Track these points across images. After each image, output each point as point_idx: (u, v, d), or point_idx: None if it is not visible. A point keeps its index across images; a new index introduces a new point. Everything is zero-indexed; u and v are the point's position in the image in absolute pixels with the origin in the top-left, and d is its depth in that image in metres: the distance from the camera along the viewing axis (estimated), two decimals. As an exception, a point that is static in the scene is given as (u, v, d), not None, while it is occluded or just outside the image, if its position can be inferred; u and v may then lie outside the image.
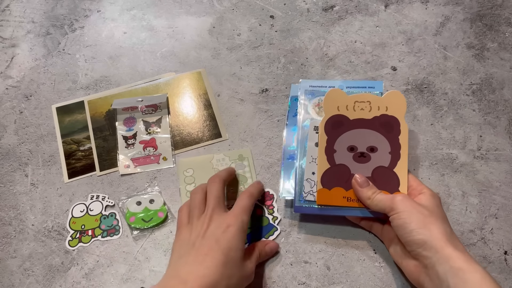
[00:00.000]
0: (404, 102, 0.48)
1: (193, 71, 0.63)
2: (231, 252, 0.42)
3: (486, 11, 0.68)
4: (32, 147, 0.59)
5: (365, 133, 0.48)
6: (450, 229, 0.43)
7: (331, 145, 0.49)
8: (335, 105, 0.49)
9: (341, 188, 0.48)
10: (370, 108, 0.48)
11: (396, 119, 0.48)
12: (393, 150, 0.48)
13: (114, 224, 0.53)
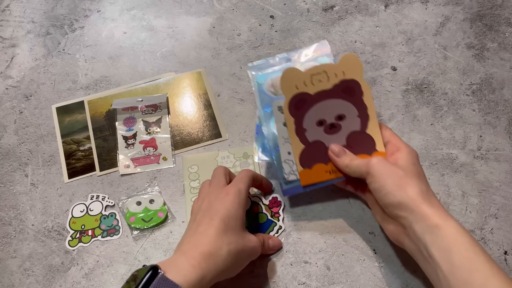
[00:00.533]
0: (359, 63, 0.47)
1: (193, 71, 0.64)
2: (231, 221, 0.42)
3: (486, 11, 0.68)
4: (32, 147, 0.59)
5: (330, 103, 0.48)
6: (426, 186, 0.43)
7: (300, 125, 0.48)
8: (293, 85, 0.47)
9: (321, 164, 0.48)
10: (328, 77, 0.47)
11: (355, 81, 0.47)
12: (360, 113, 0.48)
13: (114, 224, 0.53)
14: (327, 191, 0.54)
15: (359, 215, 0.52)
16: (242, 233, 0.43)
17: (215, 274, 0.39)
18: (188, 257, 0.39)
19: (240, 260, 0.43)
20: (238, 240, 0.42)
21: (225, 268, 0.40)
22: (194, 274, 0.38)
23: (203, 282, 0.38)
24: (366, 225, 0.52)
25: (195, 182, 0.55)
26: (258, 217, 0.52)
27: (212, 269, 0.39)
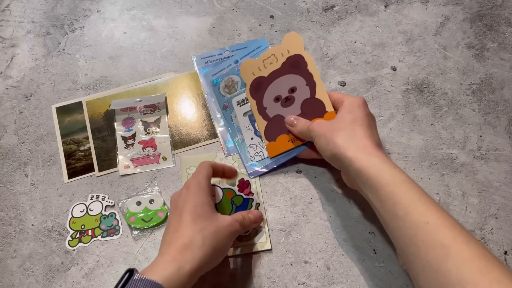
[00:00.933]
0: (299, 38, 0.52)
1: (192, 71, 0.63)
2: (197, 209, 0.43)
3: (486, 11, 0.68)
4: (32, 147, 0.59)
5: (281, 80, 0.53)
6: (356, 131, 0.45)
7: (261, 104, 0.54)
8: (250, 72, 0.54)
9: (283, 135, 0.54)
10: (276, 58, 0.53)
11: (299, 55, 0.52)
12: (308, 81, 0.52)
13: (114, 224, 0.53)
14: (327, 191, 0.54)
15: (359, 215, 0.52)
16: (213, 216, 0.43)
17: (194, 264, 0.39)
18: (164, 255, 0.40)
19: (220, 241, 0.42)
20: (211, 223, 0.42)
21: (206, 254, 0.40)
22: (170, 267, 0.38)
23: (181, 272, 0.38)
24: (366, 225, 0.52)
25: (195, 182, 0.55)
26: (234, 201, 0.52)
27: (189, 259, 0.39)
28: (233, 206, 0.52)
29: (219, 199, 0.52)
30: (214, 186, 0.52)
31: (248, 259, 0.50)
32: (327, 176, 0.55)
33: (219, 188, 0.52)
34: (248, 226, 0.48)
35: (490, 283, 0.32)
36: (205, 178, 0.46)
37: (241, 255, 0.50)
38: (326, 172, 0.55)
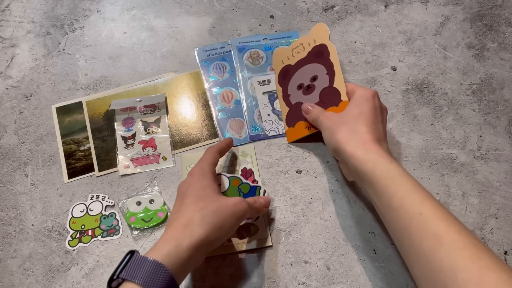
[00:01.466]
0: (325, 28, 0.53)
1: (192, 71, 0.64)
2: (199, 191, 0.44)
3: (486, 11, 0.68)
4: (32, 147, 0.59)
5: (305, 69, 0.55)
6: (358, 126, 0.45)
7: (286, 91, 0.57)
8: (280, 60, 0.58)
9: (301, 121, 0.56)
10: (303, 48, 0.56)
11: (323, 45, 0.54)
12: (328, 70, 0.53)
13: (114, 224, 0.53)
14: (327, 191, 0.54)
15: (359, 215, 0.52)
16: (216, 197, 0.44)
17: (193, 240, 0.39)
18: (164, 235, 0.41)
19: (222, 219, 0.42)
20: (212, 203, 0.43)
21: (205, 231, 0.40)
22: (168, 245, 0.39)
23: (180, 249, 0.39)
24: (366, 225, 0.52)
25: (195, 182, 0.55)
26: (241, 189, 0.52)
27: (187, 236, 0.39)
28: (240, 194, 0.51)
29: (225, 188, 0.51)
30: (220, 174, 0.51)
31: (248, 259, 0.50)
32: (327, 176, 0.55)
33: (225, 176, 0.52)
34: (259, 209, 0.48)
35: (480, 270, 0.33)
36: (209, 165, 0.47)
37: (241, 253, 0.50)
38: (326, 172, 0.55)
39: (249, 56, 0.64)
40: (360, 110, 0.47)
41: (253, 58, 0.64)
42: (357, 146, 0.44)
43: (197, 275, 0.49)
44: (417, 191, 0.39)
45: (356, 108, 0.47)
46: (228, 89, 0.62)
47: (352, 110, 0.47)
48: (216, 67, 0.63)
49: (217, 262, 0.50)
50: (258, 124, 0.59)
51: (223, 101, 0.61)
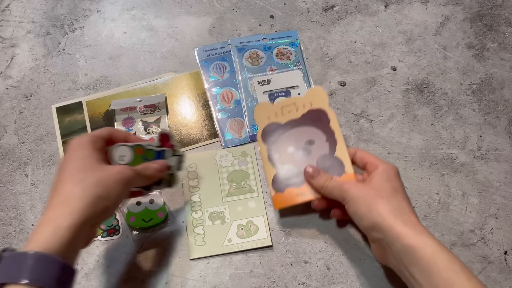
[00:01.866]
0: (324, 94, 0.52)
1: (192, 71, 0.64)
2: (76, 163, 0.39)
3: (486, 11, 0.68)
4: (32, 147, 0.59)
5: (300, 130, 0.52)
6: (400, 203, 0.42)
7: (272, 151, 0.52)
8: (265, 116, 0.53)
9: (293, 187, 0.50)
10: (297, 108, 0.53)
11: (322, 110, 0.52)
12: (328, 138, 0.51)
13: (114, 224, 0.53)
14: (327, 191, 0.54)
15: (359, 215, 0.52)
16: (97, 167, 0.40)
17: (75, 217, 0.36)
18: (42, 220, 0.36)
19: (106, 189, 0.39)
20: (93, 174, 0.39)
21: (88, 203, 0.37)
22: (45, 230, 0.35)
23: (59, 231, 0.35)
24: (366, 225, 0.51)
25: (194, 181, 0.55)
26: (146, 156, 0.48)
27: (67, 213, 0.36)
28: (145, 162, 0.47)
29: (129, 159, 0.46)
30: (121, 145, 0.46)
31: (248, 259, 0.50)
32: (327, 176, 0.55)
33: (126, 146, 0.46)
34: (150, 175, 0.45)
35: None
36: (90, 135, 0.43)
37: (241, 253, 0.50)
38: (326, 172, 0.55)
39: (249, 56, 0.64)
40: (394, 185, 0.43)
41: (253, 59, 0.64)
42: (407, 225, 0.40)
43: (197, 275, 0.49)
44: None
45: (388, 183, 0.44)
46: (228, 89, 0.62)
47: (385, 184, 0.43)
48: (216, 67, 0.64)
49: (217, 262, 0.50)
50: None
51: (223, 101, 0.61)
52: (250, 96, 0.61)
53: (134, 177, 0.42)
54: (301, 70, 0.63)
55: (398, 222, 0.40)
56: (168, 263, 0.50)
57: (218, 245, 0.51)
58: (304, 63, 0.63)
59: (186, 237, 0.52)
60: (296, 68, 0.63)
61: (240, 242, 0.51)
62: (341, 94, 0.61)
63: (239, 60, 0.63)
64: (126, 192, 0.41)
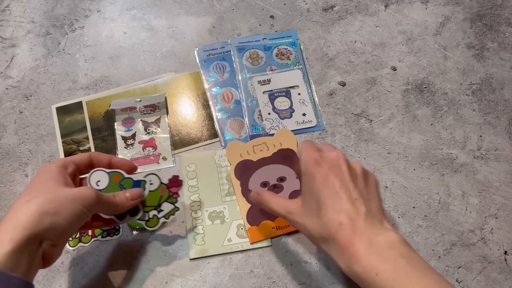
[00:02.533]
0: (292, 136, 0.57)
1: (192, 71, 0.64)
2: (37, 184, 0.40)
3: (486, 11, 0.68)
4: (32, 147, 0.59)
5: (271, 168, 0.55)
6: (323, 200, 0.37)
7: (246, 187, 0.54)
8: (238, 154, 0.55)
9: (267, 221, 0.52)
10: (267, 147, 0.56)
11: (291, 150, 0.55)
12: (299, 175, 0.52)
13: (114, 224, 0.53)
14: (327, 191, 0.54)
15: (359, 215, 0.52)
16: (58, 188, 0.39)
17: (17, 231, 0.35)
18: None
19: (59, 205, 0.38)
20: (48, 192, 0.39)
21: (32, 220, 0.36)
22: None
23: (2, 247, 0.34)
24: (366, 225, 0.51)
25: (193, 180, 0.55)
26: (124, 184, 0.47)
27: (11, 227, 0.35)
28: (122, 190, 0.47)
29: (105, 185, 0.46)
30: (98, 170, 0.46)
31: (248, 259, 0.50)
32: (327, 176, 0.55)
33: (103, 172, 0.46)
34: (120, 202, 0.44)
35: None
36: (59, 160, 0.43)
37: (241, 253, 0.50)
38: (326, 172, 0.55)
39: (249, 56, 0.64)
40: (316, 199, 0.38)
41: (253, 59, 0.64)
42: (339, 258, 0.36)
43: (197, 275, 0.49)
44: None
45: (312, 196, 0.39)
46: (228, 89, 0.62)
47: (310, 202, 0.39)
48: (216, 67, 0.64)
49: (217, 262, 0.50)
50: (259, 123, 0.59)
51: (223, 101, 0.61)
52: (250, 96, 0.61)
53: (96, 200, 0.40)
54: (301, 70, 0.63)
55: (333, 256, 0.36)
56: (168, 263, 0.50)
57: (218, 245, 0.51)
58: (304, 63, 0.63)
59: (186, 237, 0.52)
60: (296, 68, 0.63)
61: (240, 242, 0.51)
62: (341, 94, 0.61)
63: (239, 60, 0.63)
64: (85, 213, 0.40)
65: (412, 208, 0.53)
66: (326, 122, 0.59)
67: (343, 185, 0.37)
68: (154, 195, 0.48)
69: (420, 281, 0.33)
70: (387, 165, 0.56)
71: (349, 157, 0.56)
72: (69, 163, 0.44)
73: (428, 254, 0.50)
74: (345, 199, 0.37)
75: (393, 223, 0.52)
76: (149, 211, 0.48)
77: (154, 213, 0.48)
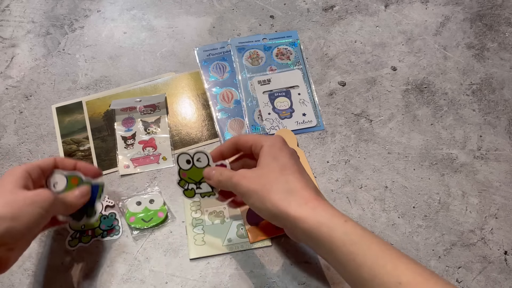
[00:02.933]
0: (292, 135, 0.57)
1: (192, 71, 0.64)
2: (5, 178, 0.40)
3: (486, 11, 0.68)
4: (32, 147, 0.59)
5: None
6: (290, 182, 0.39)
7: None
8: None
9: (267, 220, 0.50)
10: None
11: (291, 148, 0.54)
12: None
13: (114, 224, 0.53)
14: (327, 191, 0.54)
15: (359, 215, 0.52)
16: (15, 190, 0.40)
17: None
18: None
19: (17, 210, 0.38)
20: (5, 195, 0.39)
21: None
22: None
23: None
24: (366, 224, 0.51)
25: (195, 182, 0.55)
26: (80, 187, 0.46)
27: None
28: None
29: (62, 187, 0.46)
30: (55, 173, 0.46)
31: (248, 259, 0.50)
32: (327, 176, 0.55)
33: (60, 174, 0.46)
34: (72, 201, 0.44)
35: None
36: (24, 165, 0.43)
37: (241, 253, 0.50)
38: (326, 172, 0.55)
39: (249, 56, 0.64)
40: (280, 163, 0.41)
41: (253, 59, 0.64)
42: (301, 207, 0.38)
43: (197, 275, 0.49)
44: (386, 254, 0.35)
45: (274, 161, 0.41)
46: (228, 89, 0.62)
47: (271, 165, 0.41)
48: (216, 67, 0.64)
49: (217, 262, 0.50)
50: (259, 123, 0.59)
51: (223, 101, 0.61)
52: (250, 96, 0.61)
53: (53, 201, 0.40)
54: (301, 70, 0.63)
55: (292, 206, 0.38)
56: (168, 263, 0.50)
57: (218, 245, 0.51)
58: (304, 63, 0.63)
59: (186, 237, 0.52)
60: (296, 68, 0.63)
61: (240, 242, 0.51)
62: (341, 94, 0.61)
63: (239, 60, 0.63)
64: (44, 215, 0.40)
65: (412, 208, 0.53)
66: (326, 122, 0.59)
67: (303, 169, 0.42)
68: (197, 172, 0.47)
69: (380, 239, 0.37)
70: (387, 165, 0.56)
71: (349, 157, 0.56)
72: (35, 168, 0.44)
73: (428, 254, 0.50)
74: (306, 174, 0.42)
75: (393, 223, 0.52)
76: (189, 183, 0.47)
77: (193, 186, 0.48)
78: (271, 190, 0.39)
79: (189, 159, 0.46)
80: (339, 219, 0.37)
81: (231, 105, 0.61)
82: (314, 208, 0.38)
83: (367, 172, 0.55)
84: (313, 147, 0.57)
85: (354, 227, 0.37)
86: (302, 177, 0.40)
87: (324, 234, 0.37)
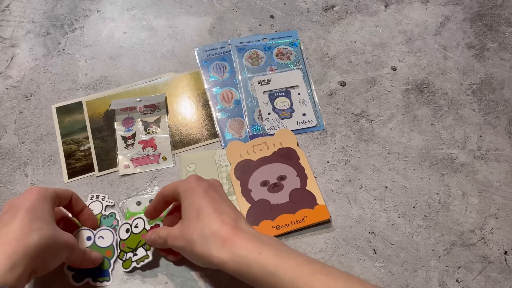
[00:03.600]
0: (293, 135, 0.57)
1: (192, 71, 0.64)
2: (37, 211, 0.40)
3: (486, 11, 0.68)
4: (32, 147, 0.59)
5: (271, 167, 0.55)
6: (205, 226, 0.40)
7: (246, 186, 0.54)
8: (238, 154, 0.56)
9: (267, 220, 0.51)
10: (267, 147, 0.56)
11: (291, 148, 0.56)
12: (299, 173, 0.54)
13: (114, 224, 0.53)
14: (327, 191, 0.54)
15: (359, 215, 0.52)
16: (53, 224, 0.41)
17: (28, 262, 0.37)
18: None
19: (54, 248, 0.40)
20: (50, 228, 0.40)
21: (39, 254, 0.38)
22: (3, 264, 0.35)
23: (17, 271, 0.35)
24: (366, 225, 0.52)
25: (195, 182, 0.55)
26: None
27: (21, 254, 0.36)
28: None
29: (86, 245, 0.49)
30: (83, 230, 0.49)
31: (248, 259, 0.50)
32: (327, 176, 0.55)
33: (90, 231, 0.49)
34: (88, 260, 0.46)
35: None
36: (52, 191, 0.44)
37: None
38: (326, 172, 0.55)
39: (249, 56, 0.64)
40: (196, 207, 0.42)
41: (253, 59, 0.64)
42: (219, 251, 0.39)
43: (197, 275, 0.49)
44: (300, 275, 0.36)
45: (191, 208, 0.42)
46: (228, 89, 0.62)
47: (190, 213, 0.42)
48: (216, 67, 0.64)
49: (217, 262, 0.50)
50: (259, 123, 0.59)
51: (223, 101, 0.61)
52: (250, 96, 0.61)
53: (76, 249, 0.43)
54: (301, 70, 0.63)
55: (214, 253, 0.39)
56: (168, 263, 0.50)
57: (218, 245, 0.51)
58: (304, 63, 0.64)
59: (186, 237, 0.51)
60: (296, 68, 0.63)
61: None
62: (341, 94, 0.61)
63: (239, 60, 0.63)
64: (67, 258, 0.43)
65: (412, 208, 0.53)
66: (326, 122, 0.59)
67: (223, 196, 0.44)
68: (135, 238, 0.49)
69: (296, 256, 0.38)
70: (387, 165, 0.56)
71: (349, 157, 0.56)
72: (58, 197, 0.45)
73: (428, 254, 0.50)
74: (225, 205, 0.42)
75: (393, 223, 0.52)
76: (127, 252, 0.49)
77: (130, 255, 0.49)
78: (193, 242, 0.40)
79: (129, 228, 0.50)
80: (253, 253, 0.38)
81: (231, 105, 0.61)
82: (231, 248, 0.38)
83: (367, 172, 0.55)
84: (313, 147, 0.57)
85: (268, 258, 0.37)
86: (218, 214, 0.41)
87: (245, 274, 0.38)
